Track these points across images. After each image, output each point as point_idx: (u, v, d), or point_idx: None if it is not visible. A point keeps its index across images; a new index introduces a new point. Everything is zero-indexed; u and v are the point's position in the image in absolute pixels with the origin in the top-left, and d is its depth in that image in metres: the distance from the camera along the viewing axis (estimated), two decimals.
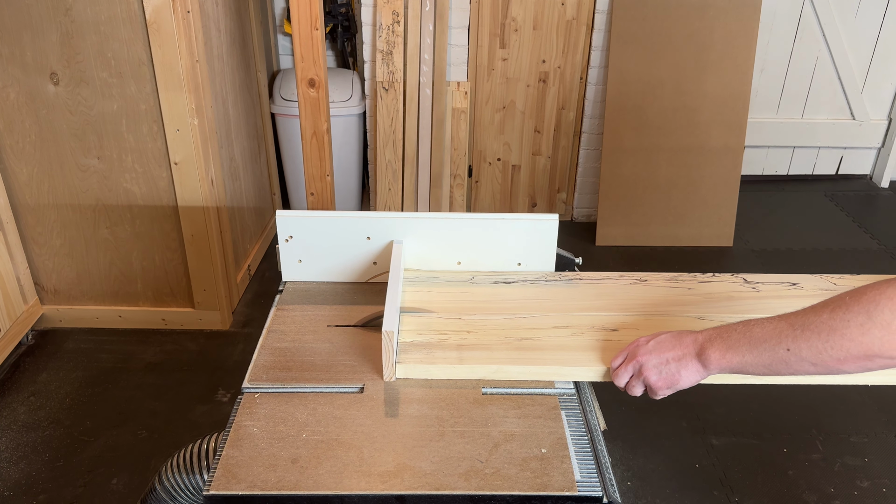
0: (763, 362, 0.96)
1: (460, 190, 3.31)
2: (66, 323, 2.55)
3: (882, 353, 0.87)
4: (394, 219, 1.40)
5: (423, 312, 1.30)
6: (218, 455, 1.00)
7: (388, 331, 1.10)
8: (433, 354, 1.17)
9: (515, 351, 1.18)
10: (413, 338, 1.22)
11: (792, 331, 0.93)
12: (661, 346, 1.05)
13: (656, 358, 1.04)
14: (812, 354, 0.91)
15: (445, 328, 1.25)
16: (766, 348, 0.95)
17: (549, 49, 3.10)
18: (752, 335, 0.97)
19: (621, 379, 1.09)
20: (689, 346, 1.03)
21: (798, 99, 3.66)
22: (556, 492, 0.95)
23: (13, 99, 2.17)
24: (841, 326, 0.88)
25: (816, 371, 0.93)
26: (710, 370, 1.01)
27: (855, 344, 0.88)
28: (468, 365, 1.15)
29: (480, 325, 1.26)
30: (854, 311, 0.88)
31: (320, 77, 2.13)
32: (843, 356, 0.89)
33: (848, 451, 2.08)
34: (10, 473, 1.95)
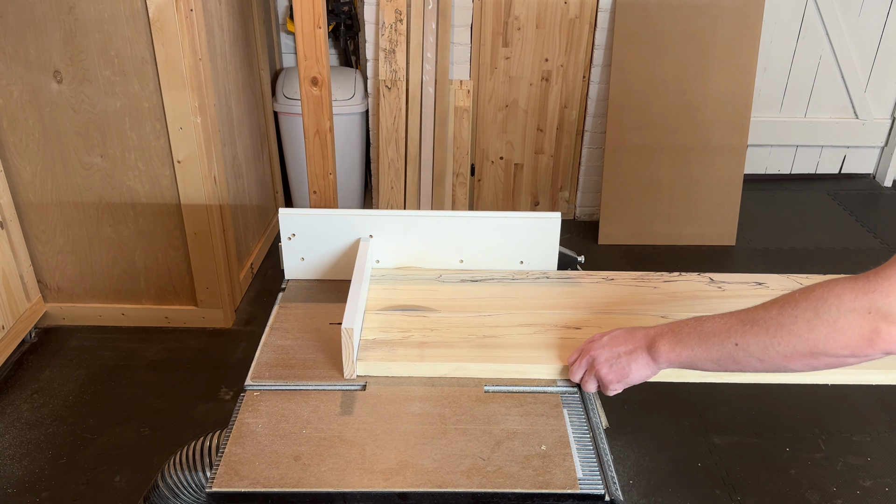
0: (712, 357, 0.96)
1: (463, 189, 3.31)
2: (70, 321, 2.56)
3: (827, 350, 0.86)
4: (396, 217, 1.40)
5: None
6: (221, 452, 1.00)
7: (347, 328, 1.10)
8: (394, 352, 1.17)
9: (477, 349, 1.18)
10: (376, 335, 1.22)
11: (741, 326, 0.93)
12: (614, 340, 1.06)
13: (608, 352, 1.05)
14: (759, 350, 0.91)
15: (409, 326, 1.25)
16: (714, 343, 0.95)
17: (551, 47, 3.10)
18: (702, 330, 0.97)
19: (576, 374, 1.10)
20: (640, 340, 1.03)
21: (801, 98, 3.66)
22: (558, 489, 0.95)
23: (17, 97, 2.17)
24: (788, 322, 0.88)
25: (763, 367, 0.93)
26: (659, 364, 1.01)
27: (801, 340, 0.87)
28: (429, 363, 1.15)
29: (444, 322, 1.26)
30: (802, 307, 0.88)
31: (323, 75, 2.14)
32: (789, 353, 0.89)
33: (850, 450, 2.08)
34: (14, 471, 1.96)
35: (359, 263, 1.30)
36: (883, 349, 0.83)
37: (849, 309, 0.83)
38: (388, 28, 3.00)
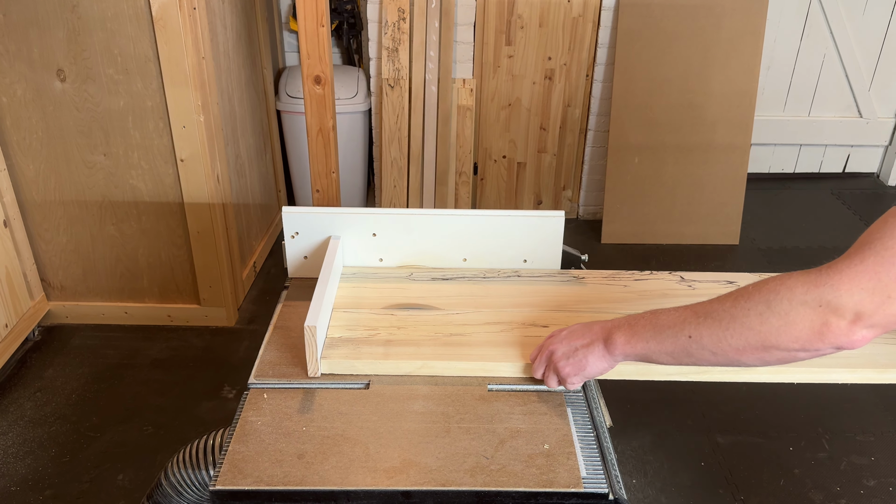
0: (666, 349, 0.95)
1: (465, 187, 3.31)
2: (73, 319, 2.56)
3: (779, 344, 0.86)
4: (400, 215, 1.40)
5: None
6: (224, 450, 1.00)
7: (309, 326, 1.10)
8: (359, 350, 1.18)
9: (443, 347, 1.19)
10: (342, 333, 1.22)
11: (695, 318, 0.93)
12: (572, 335, 1.06)
13: (566, 346, 1.05)
14: (712, 343, 0.91)
15: (376, 324, 1.25)
16: (669, 335, 0.95)
17: (555, 46, 3.10)
18: (657, 322, 0.97)
19: (538, 371, 1.10)
20: (597, 333, 1.03)
21: (805, 96, 3.65)
22: (561, 488, 0.95)
23: (20, 95, 2.17)
24: (741, 315, 0.88)
25: (717, 361, 0.92)
26: (616, 357, 1.01)
27: (753, 333, 0.87)
28: (393, 360, 1.15)
29: (412, 320, 1.26)
30: (755, 300, 0.87)
31: (326, 74, 2.13)
32: (741, 345, 0.89)
33: (854, 449, 2.07)
34: (17, 469, 1.96)
35: (327, 262, 1.30)
36: (833, 343, 0.83)
37: (800, 302, 0.83)
38: (391, 26, 3.00)
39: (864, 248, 0.81)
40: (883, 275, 0.79)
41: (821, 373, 1.12)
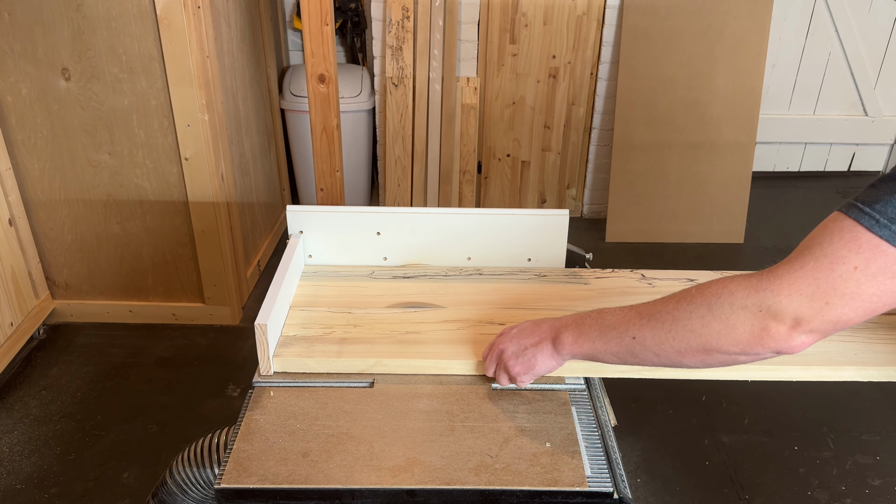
0: (611, 350, 0.96)
1: (469, 186, 3.31)
2: (78, 318, 2.57)
3: (719, 347, 0.86)
4: (404, 214, 1.40)
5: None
6: (229, 449, 1.00)
7: (260, 324, 1.10)
8: (313, 348, 1.17)
9: (398, 345, 1.18)
10: (297, 332, 1.22)
11: (639, 319, 0.93)
12: (521, 333, 1.06)
13: (515, 345, 1.05)
14: (655, 344, 0.91)
15: (332, 322, 1.25)
16: (614, 335, 0.95)
17: (559, 44, 3.09)
18: (603, 322, 0.97)
19: (489, 369, 1.10)
20: (545, 332, 1.03)
21: (810, 95, 3.64)
22: (566, 487, 0.94)
23: (25, 94, 2.18)
24: (683, 317, 0.88)
25: (659, 362, 0.93)
26: (563, 356, 1.02)
27: (695, 336, 0.87)
28: (346, 359, 1.15)
29: (369, 319, 1.26)
30: (696, 303, 0.87)
31: (330, 73, 2.13)
32: (683, 348, 0.89)
33: (859, 449, 2.07)
34: (23, 467, 1.97)
35: (285, 259, 1.30)
36: (772, 348, 0.83)
37: (740, 306, 0.83)
38: (395, 25, 3.00)
39: (804, 254, 0.81)
40: (822, 281, 0.79)
41: (775, 370, 1.13)
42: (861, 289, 0.78)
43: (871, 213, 0.77)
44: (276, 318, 1.16)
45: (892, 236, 0.76)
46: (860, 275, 0.77)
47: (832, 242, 0.79)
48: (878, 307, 0.79)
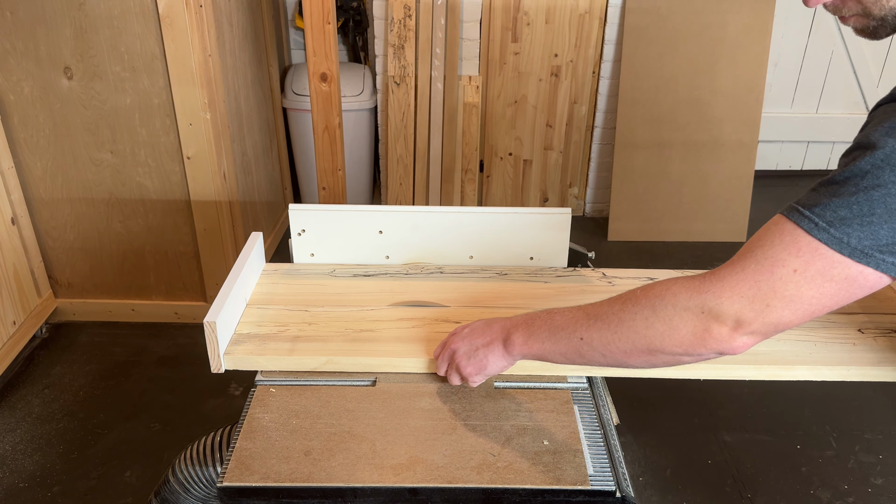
0: (560, 350, 0.96)
1: (471, 185, 3.30)
2: (80, 316, 2.57)
3: (663, 348, 0.87)
4: (406, 213, 1.40)
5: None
6: (231, 447, 1.01)
7: (208, 322, 1.10)
8: (265, 346, 1.18)
9: (350, 342, 1.19)
10: (250, 329, 1.22)
11: (587, 320, 0.93)
12: (473, 333, 1.06)
13: (467, 345, 1.05)
14: (602, 345, 0.91)
15: (287, 320, 1.25)
16: (562, 336, 0.95)
17: (561, 43, 3.09)
18: (552, 323, 0.97)
19: (441, 368, 1.10)
20: (497, 332, 1.03)
21: (813, 93, 3.63)
22: (568, 486, 0.94)
23: (27, 93, 2.18)
24: (629, 319, 0.89)
25: (606, 362, 0.93)
26: (514, 356, 1.02)
27: (640, 337, 0.88)
28: (297, 356, 1.15)
29: (324, 317, 1.26)
30: (641, 304, 0.88)
31: (332, 71, 2.14)
32: (628, 349, 0.89)
33: (862, 447, 2.07)
34: (25, 465, 1.97)
35: (240, 258, 1.30)
36: (714, 349, 0.84)
37: (683, 308, 0.84)
38: (396, 24, 3.00)
39: (745, 256, 0.82)
40: (762, 283, 0.80)
41: (728, 369, 1.13)
42: (800, 291, 0.79)
43: (811, 217, 0.78)
44: (226, 315, 1.16)
45: (830, 239, 0.76)
46: (799, 277, 0.78)
47: (773, 245, 0.80)
48: (817, 309, 0.80)
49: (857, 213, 0.75)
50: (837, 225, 0.76)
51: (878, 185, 0.74)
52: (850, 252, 0.76)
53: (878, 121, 0.78)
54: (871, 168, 0.75)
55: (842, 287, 0.78)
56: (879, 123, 0.77)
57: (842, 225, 0.76)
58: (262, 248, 1.41)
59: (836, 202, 0.77)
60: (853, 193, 0.76)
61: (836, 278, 0.77)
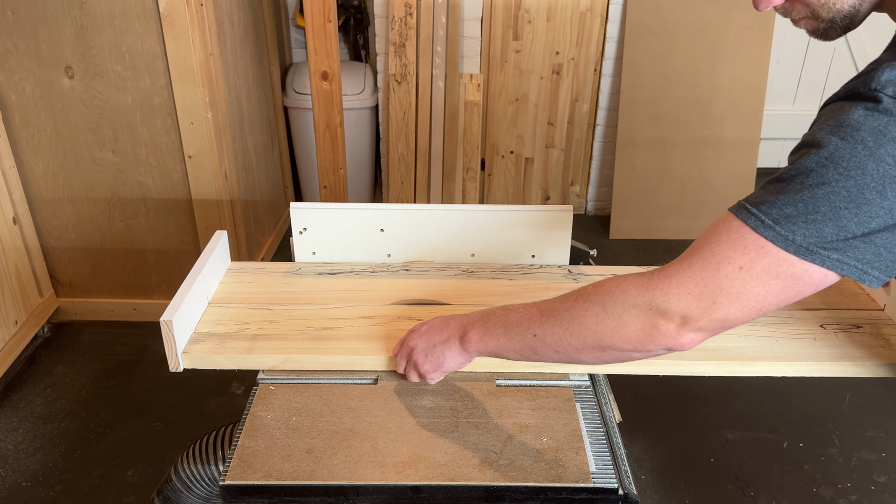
0: (514, 347, 0.96)
1: (473, 183, 3.30)
2: (82, 315, 2.57)
3: (613, 344, 0.87)
4: (407, 210, 1.40)
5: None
6: (233, 445, 1.01)
7: (165, 321, 1.10)
8: (224, 345, 1.17)
9: (311, 341, 1.18)
10: (210, 328, 1.22)
11: (540, 317, 0.94)
12: (431, 330, 1.06)
13: (424, 342, 1.05)
14: (554, 341, 0.92)
15: (248, 319, 1.25)
16: (516, 333, 0.96)
17: (562, 40, 3.09)
18: (507, 320, 0.98)
19: (400, 366, 1.10)
20: (453, 329, 1.03)
21: (815, 90, 3.62)
22: (570, 483, 0.94)
23: (29, 93, 2.18)
24: (580, 315, 0.89)
25: (559, 358, 0.94)
26: (470, 353, 1.02)
27: (590, 333, 0.88)
28: (256, 355, 1.15)
29: (286, 315, 1.26)
30: (592, 300, 0.89)
31: (333, 70, 2.13)
32: (580, 345, 0.90)
33: (865, 445, 2.06)
34: (28, 464, 1.97)
35: (203, 256, 1.30)
36: (663, 345, 0.85)
37: (631, 304, 0.85)
38: (397, 22, 3.00)
39: (693, 254, 0.83)
40: (709, 280, 0.80)
41: (688, 365, 1.13)
42: (746, 289, 0.79)
43: (758, 214, 0.78)
44: (184, 314, 1.16)
45: (776, 237, 0.77)
46: (745, 275, 0.79)
47: (720, 242, 0.81)
48: (763, 307, 0.80)
49: (803, 211, 0.75)
50: (783, 223, 0.76)
51: (822, 184, 0.74)
52: (795, 249, 0.76)
53: (824, 119, 0.79)
54: (816, 166, 0.75)
55: (787, 284, 0.78)
56: (825, 122, 0.77)
57: (787, 222, 0.76)
58: (226, 247, 1.41)
59: (781, 200, 0.77)
60: (799, 191, 0.76)
61: (781, 275, 0.78)
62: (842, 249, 0.75)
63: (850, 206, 0.73)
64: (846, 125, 0.73)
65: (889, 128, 0.70)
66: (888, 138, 0.71)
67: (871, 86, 0.73)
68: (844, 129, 0.73)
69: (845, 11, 0.82)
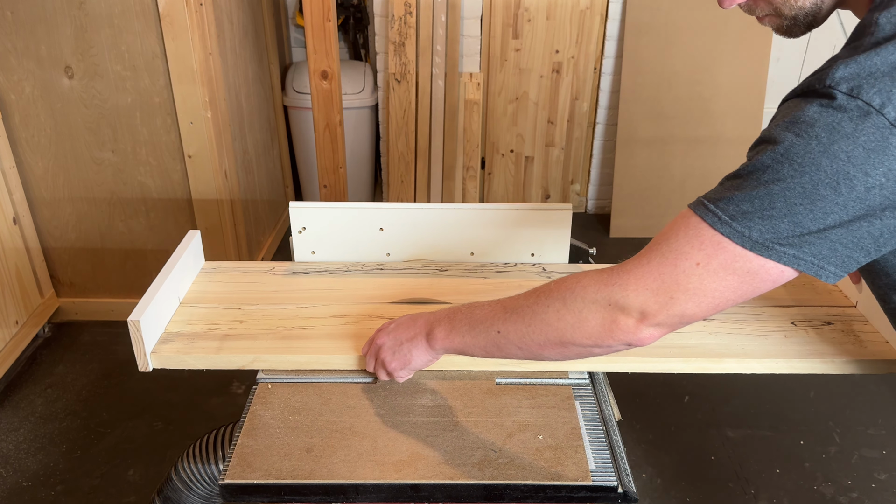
0: (479, 344, 0.97)
1: (473, 182, 3.30)
2: (82, 315, 2.57)
3: (574, 340, 0.87)
4: (406, 210, 1.40)
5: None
6: (233, 445, 1.01)
7: (132, 321, 1.10)
8: (193, 344, 1.17)
9: (281, 340, 1.18)
10: (181, 328, 1.22)
11: (504, 314, 0.94)
12: (398, 328, 1.06)
13: (392, 340, 1.05)
14: (517, 338, 0.92)
15: (219, 318, 1.24)
16: (481, 330, 0.96)
17: (562, 39, 3.09)
18: (472, 317, 0.98)
19: (369, 364, 1.10)
20: (420, 327, 1.04)
21: None
22: (570, 481, 0.94)
23: (28, 93, 2.18)
24: (541, 311, 0.90)
25: (523, 355, 0.94)
26: (437, 350, 1.02)
27: (552, 329, 0.89)
28: (225, 355, 1.15)
29: (257, 314, 1.25)
30: (553, 297, 0.89)
31: (333, 69, 2.13)
32: (542, 341, 0.90)
33: (865, 443, 2.06)
34: (29, 464, 1.97)
35: (174, 256, 1.30)
36: (622, 340, 0.85)
37: (591, 300, 0.85)
38: (397, 21, 2.99)
39: (652, 249, 0.83)
40: (666, 276, 0.81)
41: (656, 362, 1.14)
42: (703, 284, 0.79)
43: (715, 210, 0.79)
44: (153, 314, 1.16)
45: (733, 233, 0.77)
46: (702, 271, 0.79)
47: (678, 238, 0.81)
48: (721, 302, 0.81)
49: (759, 207, 0.75)
50: (739, 219, 0.77)
51: (777, 180, 0.74)
52: (751, 245, 0.76)
53: (781, 115, 0.79)
54: (772, 163, 0.75)
55: (744, 280, 0.79)
56: (782, 118, 0.78)
57: (743, 219, 0.76)
58: (199, 246, 1.40)
59: (738, 196, 0.78)
60: (755, 187, 0.76)
61: (738, 271, 0.78)
62: (797, 245, 0.75)
63: (804, 202, 0.73)
64: (801, 121, 0.74)
65: (842, 124, 0.70)
66: (841, 134, 0.70)
67: (825, 82, 0.73)
68: (799, 125, 0.74)
69: (807, 8, 0.84)
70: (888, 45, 0.71)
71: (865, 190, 0.71)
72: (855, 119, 0.70)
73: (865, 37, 0.74)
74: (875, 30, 0.74)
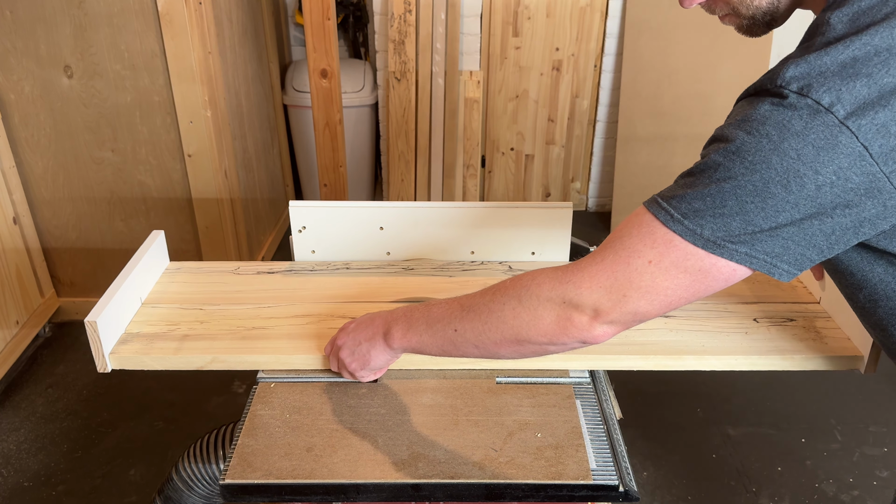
0: (436, 343, 0.96)
1: (473, 180, 3.30)
2: (83, 315, 2.55)
3: (529, 338, 0.87)
4: (407, 208, 1.39)
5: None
6: (233, 444, 1.00)
7: (89, 322, 1.09)
8: (152, 345, 1.16)
9: (240, 340, 1.17)
10: (141, 329, 1.21)
11: (461, 312, 0.93)
12: (358, 328, 1.06)
13: (351, 340, 1.05)
14: (474, 336, 0.92)
15: (179, 319, 1.24)
16: (438, 329, 0.95)
17: (562, 37, 3.08)
18: (429, 315, 0.97)
19: (332, 364, 1.10)
20: (378, 326, 1.03)
21: None
22: (571, 480, 0.94)
23: (28, 92, 2.18)
24: (497, 309, 0.89)
25: (479, 353, 0.94)
26: (395, 350, 1.02)
27: (508, 327, 0.88)
28: (183, 355, 1.14)
29: (219, 315, 1.25)
30: (509, 294, 0.89)
31: (332, 67, 2.13)
32: (498, 339, 0.90)
33: (867, 440, 2.06)
34: (30, 464, 1.97)
35: (136, 256, 1.29)
36: (576, 337, 0.85)
37: (546, 298, 0.85)
38: (397, 19, 2.99)
39: (606, 247, 0.83)
40: (619, 274, 0.80)
41: (615, 360, 1.13)
42: (656, 282, 0.79)
43: (667, 208, 0.79)
44: (111, 315, 1.14)
45: (684, 231, 0.77)
46: (654, 269, 0.79)
47: (631, 236, 0.81)
48: (673, 300, 0.81)
49: (710, 205, 0.75)
50: (691, 216, 0.76)
51: (729, 178, 0.74)
52: (703, 243, 0.76)
53: (734, 114, 0.79)
54: (723, 160, 0.75)
55: (696, 278, 0.78)
56: (735, 117, 0.78)
57: (695, 216, 0.76)
58: (163, 246, 1.39)
59: (690, 194, 0.78)
60: (706, 185, 0.76)
61: (689, 269, 0.78)
62: (749, 243, 0.75)
63: (756, 200, 0.73)
64: (752, 120, 0.74)
65: (792, 122, 0.70)
66: (791, 132, 0.70)
67: (776, 82, 0.73)
68: (750, 123, 0.74)
69: (764, 8, 0.83)
70: (838, 45, 0.71)
71: (816, 188, 0.71)
72: (805, 117, 0.70)
73: (817, 36, 0.74)
74: (826, 29, 0.73)
